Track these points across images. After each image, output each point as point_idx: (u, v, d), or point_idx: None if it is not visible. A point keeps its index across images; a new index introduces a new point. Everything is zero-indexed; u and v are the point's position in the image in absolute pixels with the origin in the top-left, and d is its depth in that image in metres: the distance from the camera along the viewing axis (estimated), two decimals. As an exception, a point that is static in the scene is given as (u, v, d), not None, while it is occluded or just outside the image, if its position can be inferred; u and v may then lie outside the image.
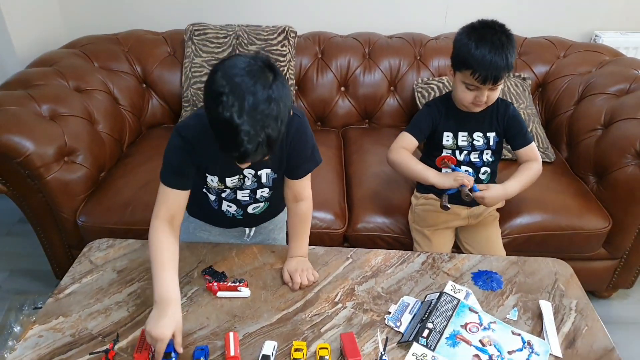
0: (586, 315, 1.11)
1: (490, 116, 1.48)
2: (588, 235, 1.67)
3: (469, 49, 1.32)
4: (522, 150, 1.49)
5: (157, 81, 2.20)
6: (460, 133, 1.49)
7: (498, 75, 1.31)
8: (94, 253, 1.29)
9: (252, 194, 1.20)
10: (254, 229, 1.36)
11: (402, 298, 1.15)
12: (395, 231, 1.70)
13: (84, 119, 1.80)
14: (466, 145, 1.49)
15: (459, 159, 1.51)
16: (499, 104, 1.48)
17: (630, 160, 1.66)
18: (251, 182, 1.17)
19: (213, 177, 1.15)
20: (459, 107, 1.47)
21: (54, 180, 1.62)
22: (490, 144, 1.50)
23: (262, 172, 1.17)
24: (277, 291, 1.17)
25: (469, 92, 1.38)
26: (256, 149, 0.90)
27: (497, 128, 1.49)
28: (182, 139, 1.08)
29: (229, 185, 1.16)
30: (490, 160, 1.52)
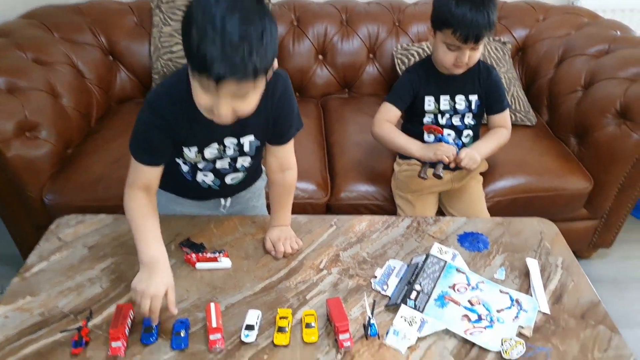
0: (572, 272, 1.10)
1: (472, 78, 1.45)
2: (570, 196, 1.68)
3: (449, 7, 1.29)
4: (496, 116, 1.49)
5: (125, 53, 2.09)
6: (442, 96, 1.46)
7: (479, 33, 1.28)
8: (62, 230, 1.21)
9: (233, 163, 1.12)
10: (230, 199, 1.29)
11: (387, 262, 1.12)
12: (379, 199, 1.68)
13: (45, 92, 1.70)
14: (448, 109, 1.47)
15: (441, 123, 1.48)
16: (481, 67, 1.46)
17: (611, 120, 1.66)
18: (233, 151, 1.09)
19: (191, 148, 1.06)
20: (439, 70, 1.44)
21: (16, 157, 1.53)
22: (472, 107, 1.47)
23: (245, 139, 1.07)
24: (260, 261, 1.12)
25: (450, 52, 1.35)
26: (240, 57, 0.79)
27: (478, 91, 1.46)
28: (156, 115, 0.98)
29: (207, 157, 1.08)
30: (472, 124, 1.50)
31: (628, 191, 1.70)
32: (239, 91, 0.86)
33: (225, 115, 0.88)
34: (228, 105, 0.87)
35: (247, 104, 0.89)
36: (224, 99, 0.86)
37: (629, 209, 1.76)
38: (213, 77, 0.81)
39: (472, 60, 1.36)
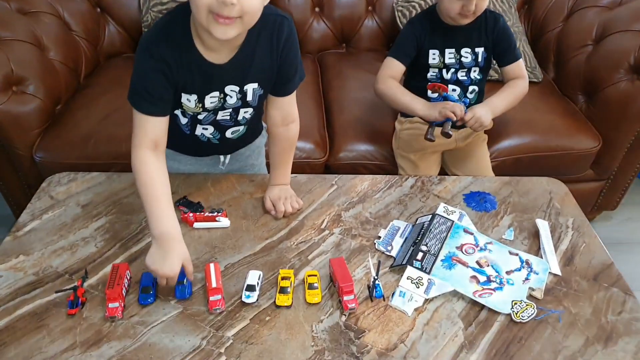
0: (583, 232, 1.07)
1: (479, 30, 1.38)
2: (578, 156, 1.63)
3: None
4: (510, 67, 1.41)
5: (113, 4, 1.99)
6: (447, 50, 1.39)
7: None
8: (54, 188, 1.17)
9: (234, 114, 1.06)
10: (229, 156, 1.23)
11: (391, 222, 1.08)
12: (379, 158, 1.63)
13: (31, 44, 1.61)
14: (453, 63, 1.40)
15: (446, 78, 1.41)
16: (488, 16, 1.38)
17: (624, 76, 1.59)
18: (235, 100, 1.03)
19: (190, 96, 0.98)
20: (444, 21, 1.36)
21: (3, 112, 1.46)
22: (478, 60, 1.41)
23: (249, 87, 1.01)
24: (259, 220, 1.08)
25: (455, 1, 1.28)
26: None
27: (485, 43, 1.39)
28: (154, 58, 0.91)
29: (207, 106, 1.01)
30: (478, 78, 1.43)
31: (637, 151, 1.66)
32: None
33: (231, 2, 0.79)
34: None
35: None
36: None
37: (636, 170, 1.73)
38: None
39: (479, 8, 1.29)
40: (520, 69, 1.42)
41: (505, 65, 1.42)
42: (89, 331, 0.84)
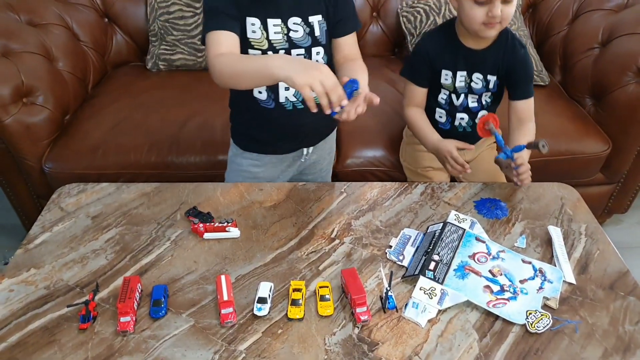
0: (597, 239, 1.06)
1: (496, 55, 1.27)
2: (587, 160, 1.62)
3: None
4: (520, 103, 1.29)
5: (120, 14, 2.00)
6: (459, 72, 1.30)
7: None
8: (64, 199, 1.17)
9: (307, 56, 1.09)
10: (312, 149, 1.29)
11: (402, 231, 1.07)
12: (387, 165, 1.62)
13: (41, 55, 1.63)
14: (462, 87, 1.32)
15: (456, 104, 1.34)
16: (509, 41, 1.26)
17: (632, 79, 1.58)
18: (302, 34, 1.08)
19: (254, 20, 1.04)
20: (461, 40, 1.27)
21: (13, 123, 1.48)
22: (489, 87, 1.31)
23: (313, 19, 1.08)
24: (269, 230, 1.08)
25: (478, 8, 1.16)
26: None
27: (499, 70, 1.28)
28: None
29: (272, 38, 1.05)
30: (489, 102, 1.36)
31: (648, 155, 1.65)
32: None
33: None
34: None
35: None
36: None
37: (647, 173, 1.71)
38: None
39: (505, 17, 1.16)
40: (530, 110, 1.31)
41: (516, 100, 1.30)
42: (100, 346, 0.84)
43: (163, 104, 1.73)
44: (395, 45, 2.12)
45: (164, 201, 1.16)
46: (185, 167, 1.56)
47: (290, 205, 1.15)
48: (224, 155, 1.54)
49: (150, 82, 1.88)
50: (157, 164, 1.55)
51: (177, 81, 1.89)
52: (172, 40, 1.93)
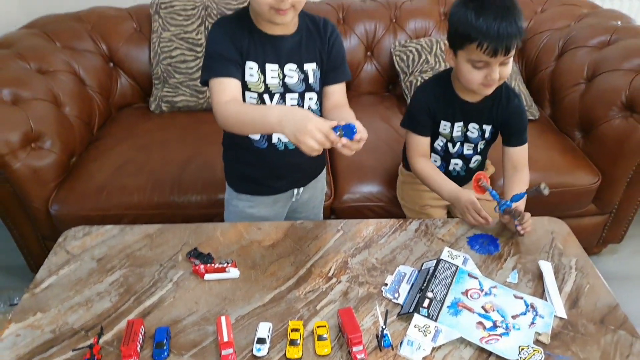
0: (587, 273, 1.09)
1: (492, 106, 1.30)
2: (578, 192, 1.66)
3: (469, 20, 1.14)
4: (515, 150, 1.32)
5: (125, 59, 2.09)
6: (456, 123, 1.33)
7: (509, 43, 1.12)
8: (70, 242, 1.21)
9: (301, 101, 1.16)
10: (302, 189, 1.34)
11: (397, 268, 1.11)
12: (383, 200, 1.66)
13: (49, 102, 1.69)
14: (459, 136, 1.35)
15: (451, 152, 1.39)
16: (503, 92, 1.30)
17: (617, 113, 1.64)
18: (297, 81, 1.14)
19: (253, 64, 1.10)
20: (457, 93, 1.31)
21: (22, 168, 1.53)
22: (485, 136, 1.35)
23: (308, 67, 1.15)
24: (268, 269, 1.11)
25: (476, 71, 1.18)
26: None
27: (494, 121, 1.32)
28: (221, 27, 1.11)
29: (269, 82, 1.12)
30: (482, 149, 1.40)
31: (637, 185, 1.69)
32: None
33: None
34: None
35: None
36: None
37: (638, 203, 1.74)
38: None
39: (503, 76, 1.20)
40: (523, 156, 1.33)
41: (511, 147, 1.33)
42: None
43: (165, 145, 1.79)
44: (389, 82, 2.20)
45: (166, 242, 1.19)
46: (187, 206, 1.60)
47: (289, 244, 1.19)
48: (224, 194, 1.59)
49: (153, 124, 1.95)
50: (160, 204, 1.60)
51: (179, 122, 1.95)
52: (175, 82, 2.01)
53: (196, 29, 2.01)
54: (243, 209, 1.34)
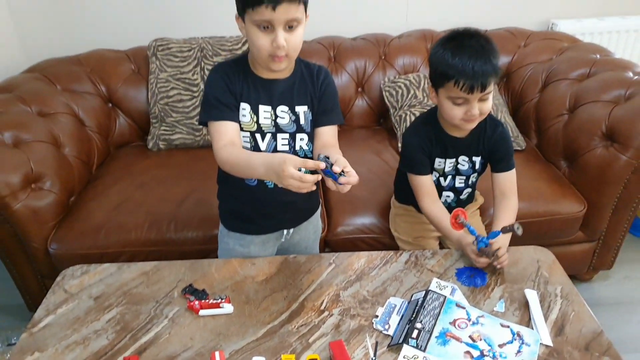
0: (572, 301, 1.12)
1: (478, 139, 1.37)
2: (565, 220, 1.70)
3: (445, 60, 1.21)
4: (503, 175, 1.37)
5: (123, 99, 2.15)
6: (447, 159, 1.39)
7: (485, 81, 1.19)
8: (68, 281, 1.24)
9: (292, 142, 1.21)
10: (292, 230, 1.37)
11: (388, 300, 1.13)
12: (376, 232, 1.70)
13: (49, 143, 1.75)
14: (451, 170, 1.41)
15: (443, 185, 1.43)
16: (488, 123, 1.36)
17: (598, 143, 1.69)
18: (288, 121, 1.19)
19: (246, 105, 1.16)
20: (445, 129, 1.36)
21: (22, 208, 1.57)
22: (475, 168, 1.41)
23: (299, 109, 1.20)
24: (261, 304, 1.14)
25: (457, 107, 1.25)
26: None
27: (482, 151, 1.38)
28: (218, 73, 1.18)
29: (262, 122, 1.17)
30: (474, 181, 1.46)
31: (622, 212, 1.73)
32: (290, 14, 1.05)
33: (282, 43, 1.06)
34: (283, 34, 1.06)
35: (295, 36, 1.09)
36: (279, 28, 1.05)
37: (625, 229, 1.78)
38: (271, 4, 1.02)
39: (483, 112, 1.25)
40: (512, 182, 1.37)
41: (499, 172, 1.38)
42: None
43: (162, 182, 1.83)
44: (380, 116, 2.26)
45: (162, 279, 1.22)
46: (183, 242, 1.63)
47: (282, 278, 1.22)
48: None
49: (151, 162, 2.00)
50: (157, 241, 1.63)
51: (176, 159, 2.00)
52: (172, 121, 2.07)
53: (192, 69, 2.08)
54: (234, 247, 1.36)
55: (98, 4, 2.24)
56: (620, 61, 1.94)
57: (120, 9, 2.26)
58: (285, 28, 1.07)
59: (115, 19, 2.29)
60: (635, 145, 1.60)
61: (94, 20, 2.28)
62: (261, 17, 1.04)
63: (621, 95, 1.74)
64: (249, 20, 1.07)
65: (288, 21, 1.06)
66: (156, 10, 2.28)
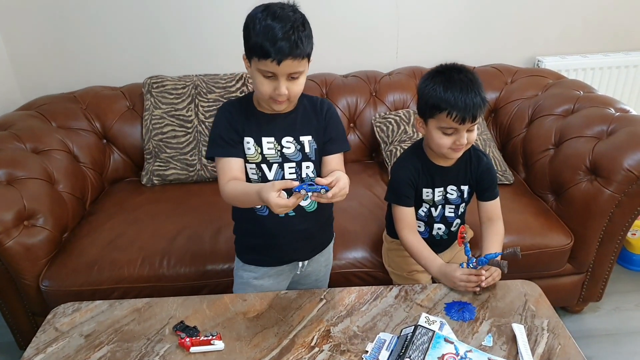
0: (558, 334, 1.13)
1: (465, 167, 1.43)
2: (553, 253, 1.72)
3: (438, 93, 1.27)
4: (488, 203, 1.45)
5: (118, 135, 2.19)
6: (436, 189, 1.44)
7: (475, 112, 1.26)
8: (59, 319, 1.24)
9: (298, 169, 1.25)
10: (307, 262, 1.39)
11: (378, 335, 1.14)
12: (368, 266, 1.71)
13: (43, 180, 1.77)
14: (440, 199, 1.45)
15: (434, 216, 1.47)
16: (472, 153, 1.44)
17: (583, 177, 1.74)
18: (294, 151, 1.24)
19: (250, 139, 1.22)
20: (432, 160, 1.42)
21: (14, 245, 1.57)
22: (464, 197, 1.46)
23: (304, 139, 1.25)
24: (252, 341, 1.15)
25: (446, 137, 1.31)
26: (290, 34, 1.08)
27: (470, 180, 1.44)
28: (223, 112, 1.25)
29: (266, 153, 1.22)
30: (462, 212, 1.50)
31: (608, 244, 1.75)
32: (293, 69, 1.12)
33: (284, 92, 1.13)
34: (285, 84, 1.13)
35: (297, 84, 1.16)
36: (282, 78, 1.13)
37: (612, 261, 1.80)
38: (276, 59, 1.09)
39: (470, 141, 1.33)
40: (497, 209, 1.45)
41: (485, 201, 1.45)
42: None
43: (156, 218, 1.85)
44: (372, 151, 2.31)
45: (154, 316, 1.23)
46: (176, 278, 1.64)
47: (273, 314, 1.23)
48: (212, 265, 1.65)
49: (145, 197, 2.02)
50: (150, 277, 1.63)
51: (170, 195, 2.02)
52: (166, 157, 2.10)
53: (186, 106, 2.13)
54: (248, 280, 1.39)
55: (94, 42, 2.32)
56: (602, 97, 2.00)
57: (115, 47, 2.34)
58: (288, 78, 1.14)
59: (110, 56, 2.35)
60: (618, 179, 1.64)
61: (89, 58, 2.34)
62: (265, 68, 1.12)
63: (604, 131, 1.79)
64: (254, 66, 1.15)
65: (291, 74, 1.13)
66: (151, 48, 2.36)
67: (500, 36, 2.51)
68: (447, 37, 2.46)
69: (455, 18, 2.45)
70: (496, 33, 2.50)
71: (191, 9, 2.30)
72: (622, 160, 1.64)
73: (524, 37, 2.53)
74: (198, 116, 2.12)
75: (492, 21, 2.47)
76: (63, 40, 2.30)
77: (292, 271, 1.41)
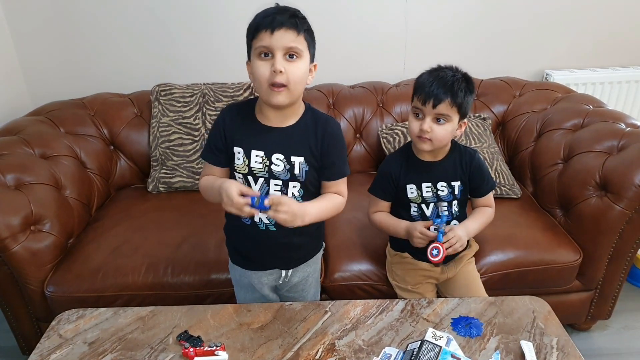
0: (568, 352, 1.11)
1: (454, 165, 1.46)
2: (561, 269, 1.69)
3: (421, 79, 1.38)
4: (481, 199, 1.52)
5: (125, 142, 2.19)
6: (423, 184, 1.46)
7: (439, 97, 1.30)
8: (63, 326, 1.23)
9: (284, 188, 1.22)
10: (291, 271, 1.37)
11: (383, 349, 1.13)
12: (373, 279, 1.69)
13: (50, 185, 1.77)
14: (431, 196, 1.46)
15: (427, 214, 1.49)
16: (463, 152, 1.47)
17: (592, 192, 1.72)
18: (282, 169, 1.20)
19: (239, 149, 1.21)
20: (418, 157, 1.46)
21: (20, 250, 1.57)
22: (455, 193, 1.47)
23: (295, 160, 1.21)
24: (255, 352, 1.13)
25: (415, 121, 1.38)
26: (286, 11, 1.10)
27: (461, 177, 1.47)
28: (223, 116, 1.26)
29: (253, 166, 1.20)
30: (458, 213, 1.50)
31: (618, 261, 1.73)
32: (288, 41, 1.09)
33: (279, 67, 1.09)
34: (282, 61, 1.10)
35: (295, 67, 1.11)
36: (278, 54, 1.09)
37: (622, 279, 1.78)
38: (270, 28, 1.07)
39: (436, 135, 1.35)
40: (489, 200, 1.52)
41: (477, 197, 1.52)
42: None
43: (161, 226, 1.84)
44: (378, 162, 2.29)
45: (158, 325, 1.22)
46: (180, 287, 1.63)
47: (277, 326, 1.22)
48: (217, 274, 1.64)
49: (150, 204, 2.02)
50: (154, 285, 1.62)
51: (175, 202, 2.02)
52: (172, 164, 2.11)
53: (194, 114, 2.14)
54: (240, 279, 1.41)
55: (103, 49, 2.34)
56: (612, 112, 1.99)
57: (124, 54, 2.35)
58: (285, 57, 1.10)
59: (119, 63, 2.37)
60: (629, 196, 1.62)
61: (98, 65, 2.36)
62: (261, 44, 1.10)
63: (614, 146, 1.78)
64: (253, 55, 1.13)
65: (287, 49, 1.10)
66: (160, 56, 2.37)
67: (509, 49, 2.51)
68: (456, 49, 2.46)
69: (463, 30, 2.45)
70: (505, 46, 2.50)
71: (200, 18, 2.32)
72: (633, 176, 1.62)
73: (533, 51, 2.52)
74: (205, 124, 2.12)
75: (501, 34, 2.47)
76: (72, 47, 2.32)
77: (277, 280, 1.38)
